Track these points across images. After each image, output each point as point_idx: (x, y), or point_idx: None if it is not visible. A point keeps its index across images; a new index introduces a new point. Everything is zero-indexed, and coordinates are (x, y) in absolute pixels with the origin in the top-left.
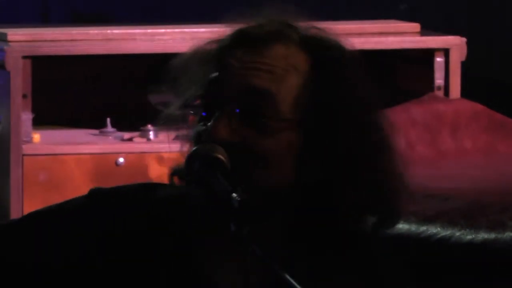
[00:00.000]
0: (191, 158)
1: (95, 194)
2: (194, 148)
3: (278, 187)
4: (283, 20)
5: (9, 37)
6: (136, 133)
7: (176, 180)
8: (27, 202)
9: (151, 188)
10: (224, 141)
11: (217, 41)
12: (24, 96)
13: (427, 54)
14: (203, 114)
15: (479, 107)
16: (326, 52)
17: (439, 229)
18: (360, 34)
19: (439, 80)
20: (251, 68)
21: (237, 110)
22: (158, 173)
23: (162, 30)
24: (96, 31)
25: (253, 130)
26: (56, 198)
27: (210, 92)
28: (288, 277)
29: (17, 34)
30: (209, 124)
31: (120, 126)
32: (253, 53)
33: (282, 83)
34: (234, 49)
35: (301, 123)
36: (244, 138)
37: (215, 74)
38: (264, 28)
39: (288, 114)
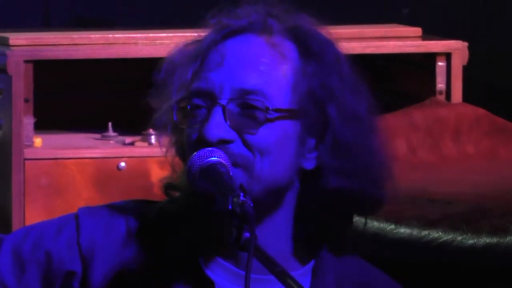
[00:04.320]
0: (191, 167)
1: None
2: (191, 157)
3: (280, 177)
4: (263, 11)
5: (11, 42)
6: (137, 138)
7: (171, 192)
8: (28, 206)
9: (145, 202)
10: (221, 139)
11: (200, 39)
12: (26, 100)
13: (429, 59)
14: (193, 114)
15: (480, 111)
16: (312, 40)
17: (441, 233)
18: (362, 39)
19: (440, 85)
20: (239, 66)
21: (229, 107)
22: (160, 177)
23: (164, 35)
24: (98, 36)
25: (247, 124)
26: (58, 202)
27: (200, 91)
28: (289, 280)
29: (19, 39)
30: (203, 124)
31: (121, 130)
32: (238, 48)
33: (272, 76)
34: (219, 44)
35: (295, 111)
36: (240, 133)
37: (202, 72)
38: (246, 19)
39: (281, 104)
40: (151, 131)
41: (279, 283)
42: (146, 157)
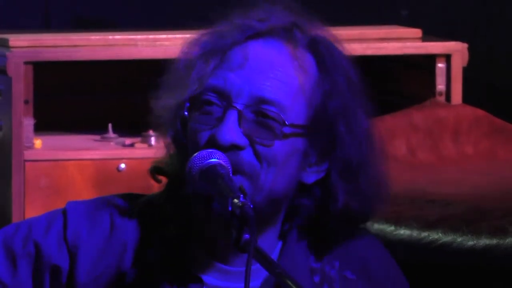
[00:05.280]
0: (191, 169)
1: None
2: (191, 159)
3: (281, 188)
4: (287, 16)
5: (11, 43)
6: (137, 139)
7: (158, 176)
8: (28, 208)
9: (132, 196)
10: (233, 144)
11: (221, 33)
12: (26, 101)
13: (429, 60)
14: (204, 109)
15: (480, 112)
16: (330, 56)
17: (440, 234)
18: (362, 40)
19: (440, 86)
20: (260, 72)
21: (245, 112)
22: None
23: (164, 36)
24: (97, 37)
25: (261, 133)
26: (58, 204)
27: (216, 89)
28: (289, 281)
29: (18, 40)
30: (216, 124)
31: (121, 131)
32: (261, 53)
33: (291, 88)
34: (242, 44)
35: (308, 128)
36: (251, 141)
37: (221, 70)
38: (270, 22)
39: (296, 119)
40: (151, 132)
41: (262, 272)
42: (146, 159)
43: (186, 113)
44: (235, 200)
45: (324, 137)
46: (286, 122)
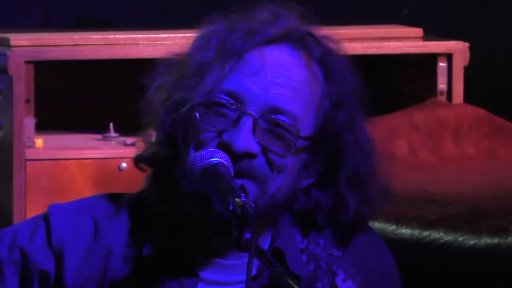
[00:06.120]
0: (192, 168)
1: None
2: (192, 158)
3: (283, 194)
4: (305, 26)
5: (12, 42)
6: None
7: (141, 166)
8: (29, 207)
9: (113, 196)
10: (248, 152)
11: (237, 34)
12: (27, 101)
13: (430, 59)
14: (215, 110)
15: (481, 112)
16: (335, 65)
17: (442, 234)
18: (363, 39)
19: (441, 85)
20: (277, 82)
21: (260, 121)
22: None
23: (165, 35)
24: (98, 36)
25: (275, 143)
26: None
27: (231, 94)
28: (289, 280)
29: (19, 39)
30: (229, 128)
31: (123, 131)
32: (278, 61)
33: (305, 99)
34: (259, 50)
35: (317, 140)
36: (264, 149)
37: (236, 74)
38: (289, 32)
39: (308, 130)
40: (152, 132)
41: (255, 263)
42: None
43: (197, 114)
44: (236, 199)
45: (329, 148)
46: (300, 133)
